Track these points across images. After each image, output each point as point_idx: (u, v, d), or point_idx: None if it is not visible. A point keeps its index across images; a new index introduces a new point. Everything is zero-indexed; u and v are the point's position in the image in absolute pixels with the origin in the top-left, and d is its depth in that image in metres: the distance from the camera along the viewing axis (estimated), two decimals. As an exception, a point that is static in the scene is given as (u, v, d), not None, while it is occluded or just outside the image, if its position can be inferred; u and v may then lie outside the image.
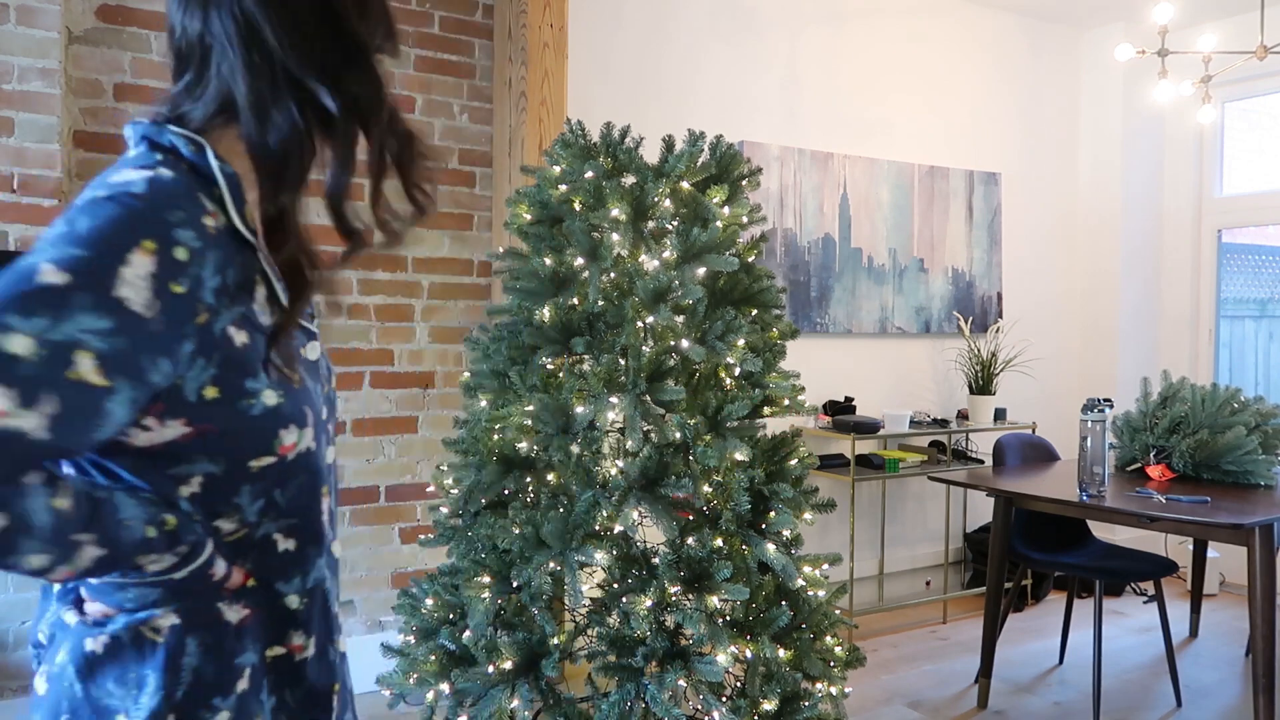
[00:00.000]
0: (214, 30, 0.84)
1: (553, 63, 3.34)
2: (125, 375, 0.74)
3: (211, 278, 0.81)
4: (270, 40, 0.83)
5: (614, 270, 2.36)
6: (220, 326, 0.82)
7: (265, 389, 0.85)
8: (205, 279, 0.80)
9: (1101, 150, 5.17)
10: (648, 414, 2.28)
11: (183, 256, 0.78)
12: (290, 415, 0.88)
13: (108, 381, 0.73)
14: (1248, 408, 3.45)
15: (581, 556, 2.24)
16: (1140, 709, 3.33)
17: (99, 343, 0.72)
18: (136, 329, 0.74)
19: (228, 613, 0.88)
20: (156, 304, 0.75)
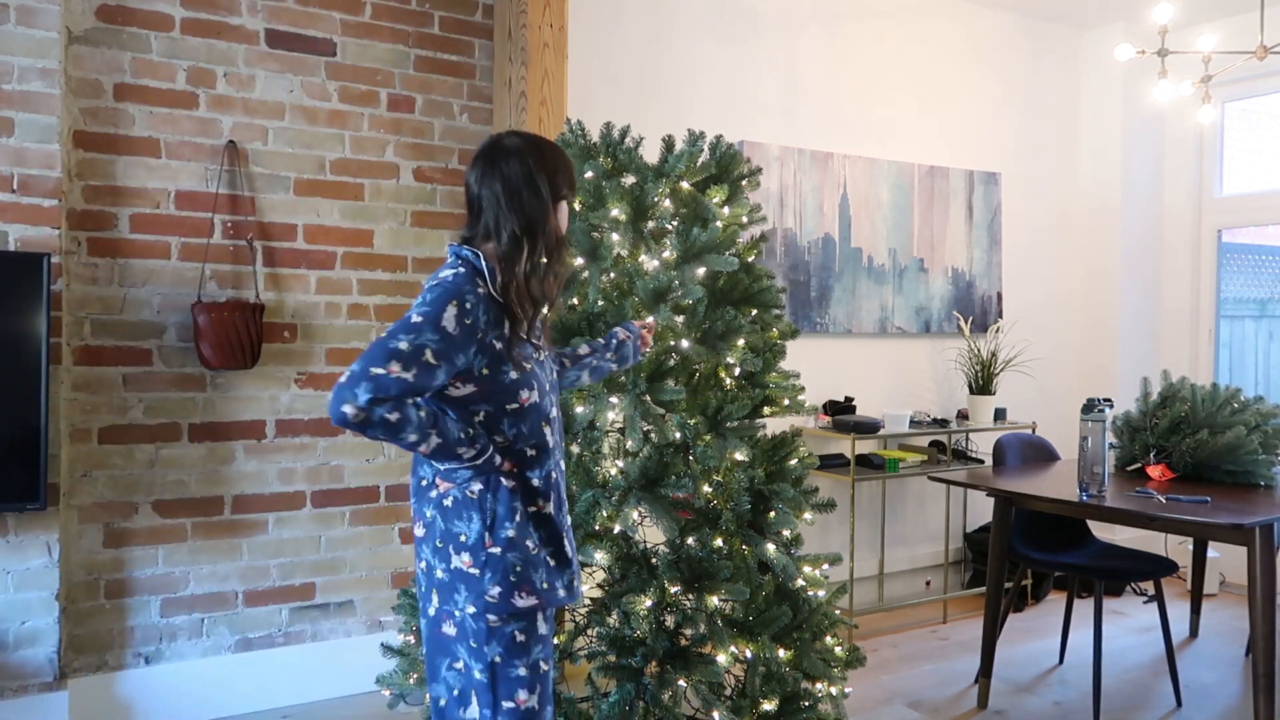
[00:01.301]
0: (485, 196, 1.72)
1: (553, 63, 3.34)
2: (444, 360, 1.57)
3: (483, 316, 1.62)
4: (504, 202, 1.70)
5: (614, 270, 2.36)
6: (489, 339, 1.64)
7: (511, 370, 1.68)
8: (479, 316, 1.62)
9: (1101, 150, 5.17)
10: (648, 414, 2.28)
11: (469, 306, 1.60)
12: (524, 383, 1.70)
13: (436, 362, 1.56)
14: (1248, 408, 3.45)
15: (581, 557, 2.24)
16: (1140, 709, 3.33)
17: (434, 345, 1.56)
18: (449, 340, 1.57)
19: (505, 483, 1.70)
20: (459, 329, 1.58)
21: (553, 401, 1.78)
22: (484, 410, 1.66)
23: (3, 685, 2.77)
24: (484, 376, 1.64)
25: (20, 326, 2.66)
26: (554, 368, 1.85)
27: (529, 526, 1.70)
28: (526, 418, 1.70)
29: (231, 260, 3.15)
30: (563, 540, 1.74)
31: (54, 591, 2.82)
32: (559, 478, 1.77)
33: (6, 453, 2.65)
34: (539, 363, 1.75)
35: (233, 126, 3.15)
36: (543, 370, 1.76)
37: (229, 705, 3.14)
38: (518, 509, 1.69)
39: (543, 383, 1.74)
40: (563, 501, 1.77)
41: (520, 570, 1.67)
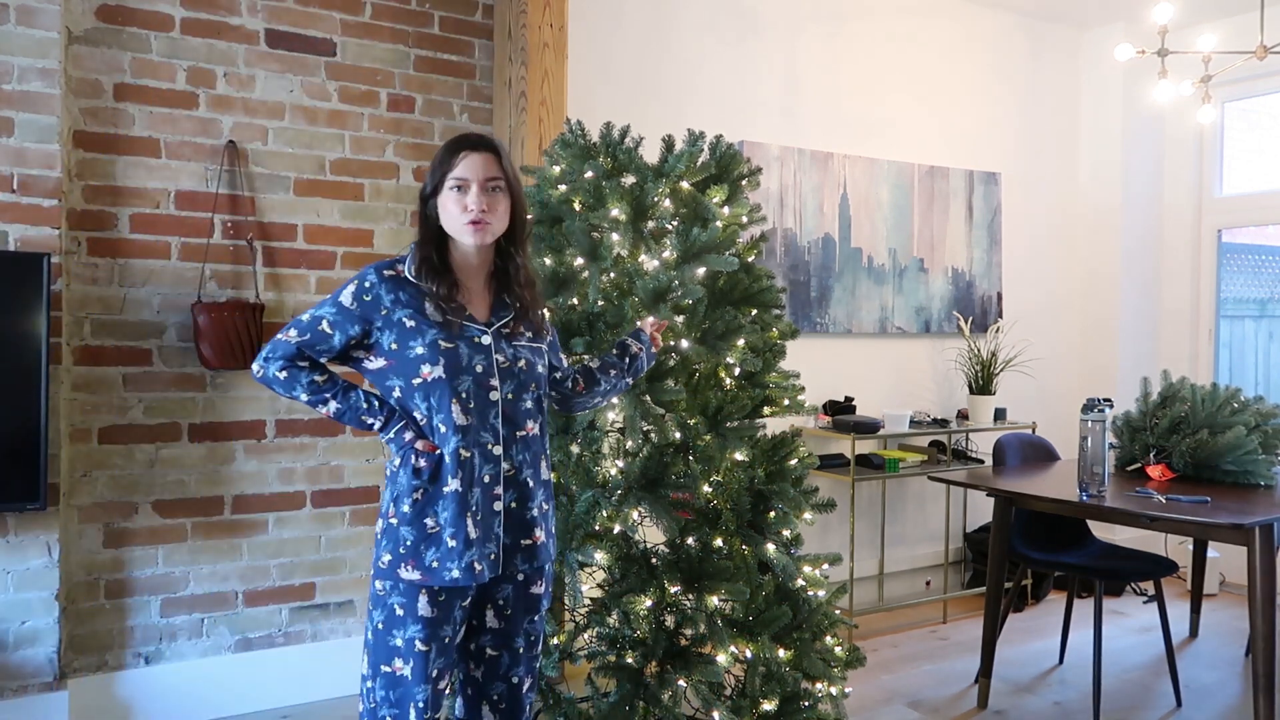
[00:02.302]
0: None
1: (553, 63, 3.34)
2: (338, 329, 1.81)
3: (387, 294, 1.81)
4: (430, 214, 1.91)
5: (614, 270, 2.36)
6: (396, 316, 1.80)
7: (418, 346, 1.79)
8: (382, 294, 1.81)
9: (1101, 150, 5.17)
10: (648, 414, 2.28)
11: (369, 285, 1.82)
12: (428, 359, 1.78)
13: (331, 330, 1.81)
14: (1248, 408, 3.44)
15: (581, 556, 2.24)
16: (1140, 709, 3.33)
17: (330, 316, 1.81)
18: (345, 312, 1.81)
19: (413, 459, 1.79)
20: (355, 303, 1.81)
21: (485, 382, 1.81)
22: (398, 385, 1.80)
23: (3, 685, 2.77)
24: (392, 351, 1.79)
25: (20, 326, 2.66)
26: (526, 354, 1.88)
27: (431, 503, 1.77)
28: (432, 393, 1.78)
29: (231, 260, 3.15)
30: (465, 520, 1.76)
31: (54, 591, 2.82)
32: (480, 458, 1.79)
33: (6, 453, 2.65)
34: (472, 343, 1.81)
35: (233, 126, 3.15)
36: (476, 351, 1.81)
37: (229, 705, 3.14)
38: (419, 485, 1.77)
39: (462, 360, 1.79)
40: (484, 481, 1.79)
41: (410, 544, 1.76)
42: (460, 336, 1.80)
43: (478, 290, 1.89)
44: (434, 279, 1.81)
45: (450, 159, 1.84)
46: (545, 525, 1.90)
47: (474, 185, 1.81)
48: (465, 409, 1.78)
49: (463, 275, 1.87)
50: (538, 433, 1.89)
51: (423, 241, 1.86)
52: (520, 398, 1.84)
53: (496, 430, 1.81)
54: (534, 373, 1.88)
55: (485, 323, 1.85)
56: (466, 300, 1.85)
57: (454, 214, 1.82)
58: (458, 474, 1.76)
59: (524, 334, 1.89)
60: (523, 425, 1.85)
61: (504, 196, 1.85)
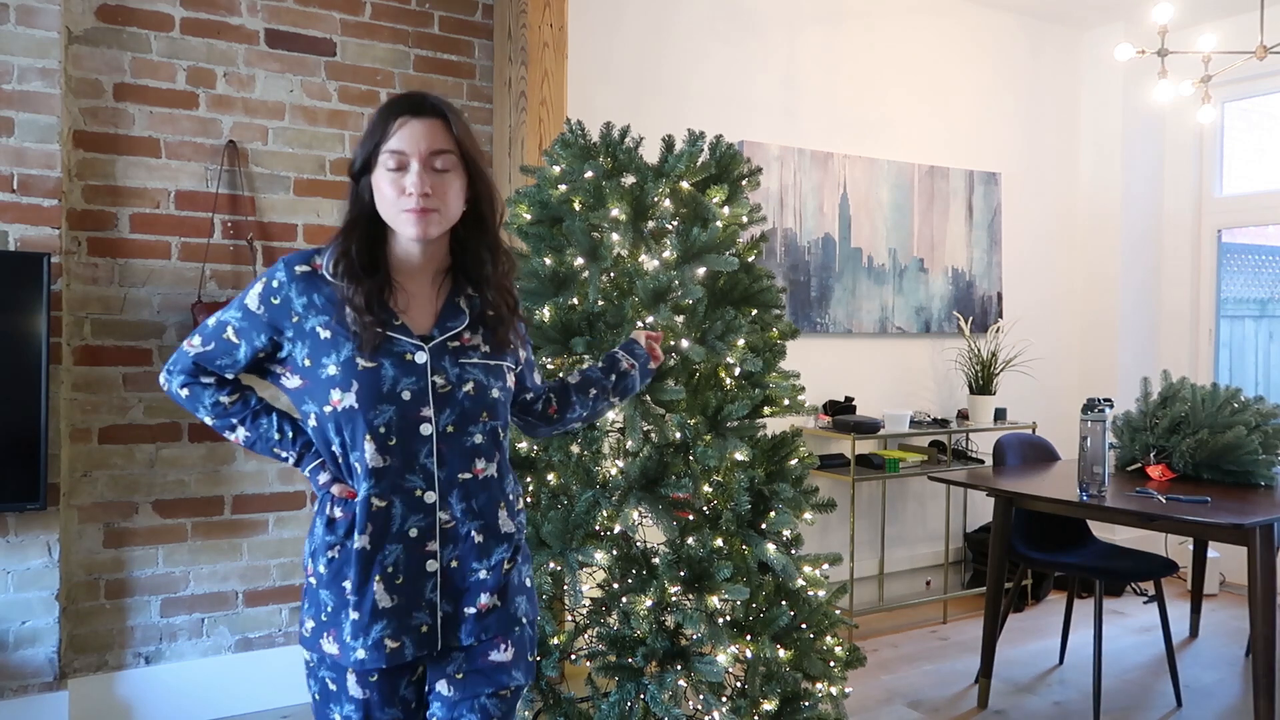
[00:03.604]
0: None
1: (553, 63, 3.34)
2: (244, 338, 1.48)
3: (299, 296, 1.46)
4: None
5: (614, 270, 2.36)
6: (309, 324, 1.45)
7: (330, 365, 1.43)
8: (292, 296, 1.46)
9: (1101, 150, 5.17)
10: (648, 414, 2.28)
11: (278, 284, 1.47)
12: (338, 382, 1.42)
13: (237, 340, 1.49)
14: (1248, 408, 3.44)
15: (581, 556, 2.24)
16: (1140, 709, 3.33)
17: (236, 322, 1.49)
18: (250, 317, 1.48)
19: (332, 509, 1.48)
20: (261, 306, 1.47)
21: (414, 412, 1.44)
22: (313, 412, 1.46)
23: (3, 685, 2.77)
24: (305, 369, 1.45)
25: (20, 326, 2.66)
26: (478, 375, 1.50)
27: (345, 563, 1.45)
28: (344, 425, 1.42)
29: (231, 260, 3.15)
30: (372, 585, 1.42)
31: (54, 591, 2.82)
32: (403, 508, 1.44)
33: (6, 453, 2.65)
34: (402, 362, 1.44)
35: (233, 126, 3.15)
36: (406, 371, 1.44)
37: (229, 705, 3.14)
38: (334, 541, 1.46)
39: (384, 384, 1.42)
40: (409, 536, 1.44)
41: (331, 612, 1.45)
42: (387, 353, 1.43)
43: (421, 293, 1.51)
44: (353, 280, 1.43)
45: (384, 127, 1.44)
46: (506, 586, 1.52)
47: (414, 162, 1.42)
48: (383, 447, 1.42)
49: (402, 275, 1.49)
50: (493, 474, 1.51)
51: (347, 230, 1.47)
52: (465, 431, 1.47)
53: (429, 472, 1.45)
54: (486, 399, 1.49)
55: (424, 335, 1.47)
56: (404, 306, 1.48)
57: (389, 198, 1.44)
58: (366, 528, 1.42)
59: (479, 348, 1.52)
60: (467, 465, 1.47)
61: (456, 175, 1.47)
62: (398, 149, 1.43)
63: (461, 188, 1.49)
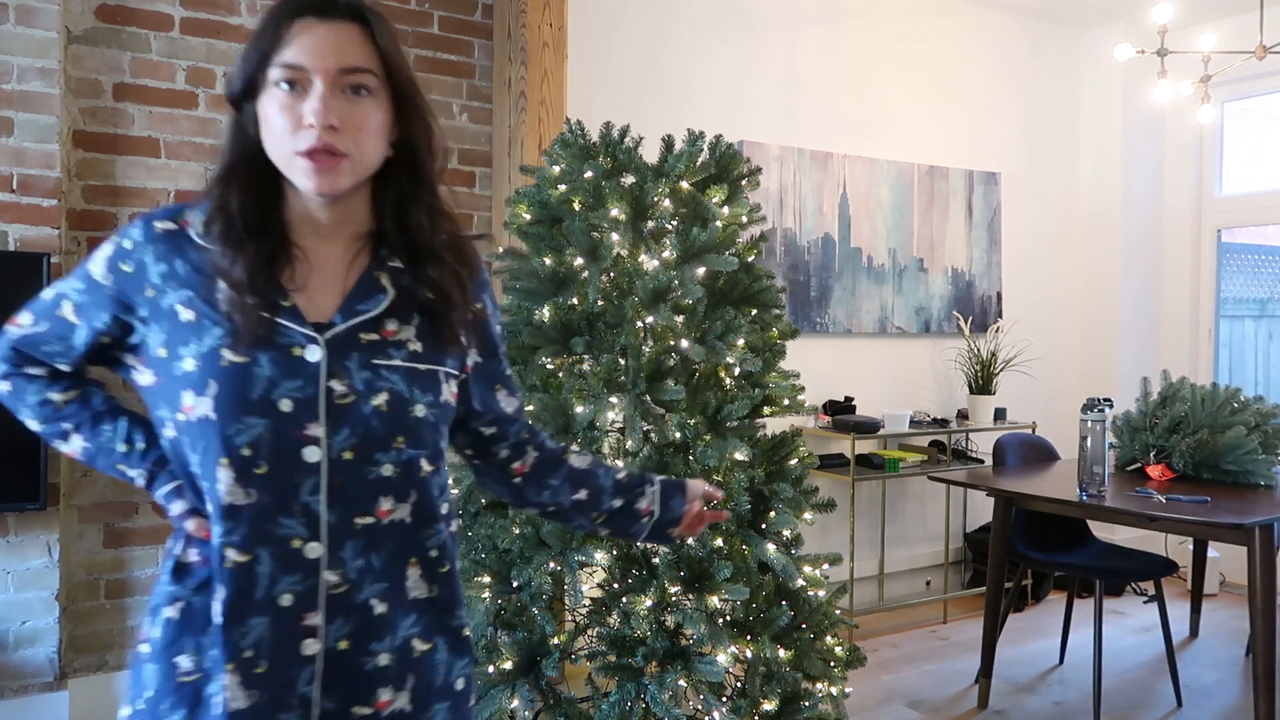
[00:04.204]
0: None
1: (552, 63, 3.33)
2: (84, 317, 1.10)
3: (156, 264, 1.07)
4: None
5: (614, 270, 2.36)
6: (168, 302, 1.06)
7: (189, 357, 1.03)
8: (148, 263, 1.07)
9: (1101, 150, 5.17)
10: (648, 414, 2.28)
11: (129, 246, 1.08)
12: (193, 381, 1.02)
13: (76, 319, 1.11)
14: (1248, 408, 3.44)
15: (581, 556, 2.24)
16: (1140, 709, 3.33)
17: (76, 296, 1.11)
18: (95, 289, 1.09)
19: (185, 551, 1.10)
20: (108, 275, 1.09)
21: (294, 430, 1.02)
22: (169, 420, 1.05)
23: (3, 685, 2.77)
24: (160, 361, 1.05)
25: (20, 326, 2.66)
26: (396, 382, 1.08)
27: (187, 629, 1.05)
28: (197, 441, 1.02)
29: (231, 260, 3.15)
30: (222, 675, 1.01)
31: (54, 591, 2.82)
32: (272, 565, 1.02)
33: (6, 453, 2.65)
34: (285, 358, 1.03)
35: (232, 126, 3.15)
36: (289, 372, 1.03)
37: (229, 705, 3.14)
38: (180, 594, 1.08)
39: (254, 388, 1.01)
40: (277, 606, 1.02)
41: (151, 701, 1.05)
42: (265, 345, 1.03)
43: (327, 265, 1.10)
44: (231, 245, 1.04)
45: (275, 31, 1.04)
46: (420, 681, 1.09)
47: (317, 81, 1.02)
48: (245, 476, 1.01)
49: (303, 237, 1.09)
50: (403, 519, 1.08)
51: (225, 176, 1.07)
52: (368, 459, 1.05)
53: (313, 515, 1.03)
54: (404, 417, 1.07)
55: (320, 322, 1.06)
56: (301, 281, 1.07)
57: (279, 132, 1.03)
58: (219, 592, 1.02)
59: (404, 345, 1.09)
60: (367, 506, 1.05)
61: (378, 105, 1.07)
62: (293, 62, 1.02)
63: (385, 122, 1.08)
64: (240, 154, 1.08)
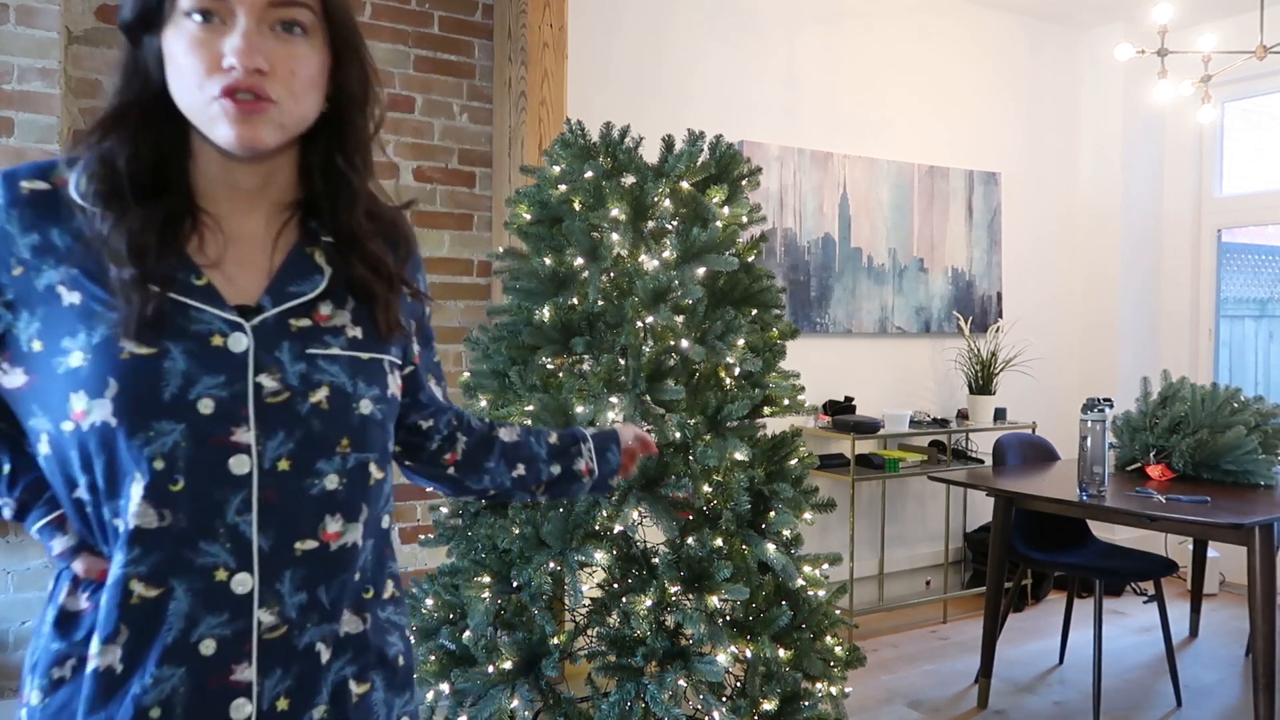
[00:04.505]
0: None
1: (553, 63, 3.34)
2: None
3: (27, 234, 0.86)
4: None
5: (614, 270, 2.36)
6: (41, 281, 0.85)
7: (76, 350, 0.83)
8: (13, 232, 0.86)
9: (1101, 150, 5.17)
10: (648, 414, 2.28)
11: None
12: (85, 380, 0.82)
13: None
14: (1248, 407, 3.44)
15: (581, 556, 2.24)
16: (1140, 709, 3.33)
17: None
18: None
19: (73, 595, 0.89)
20: None
21: (218, 434, 0.84)
22: (45, 431, 0.85)
23: (3, 685, 2.77)
24: (34, 356, 0.85)
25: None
26: (337, 373, 0.91)
27: (74, 696, 0.84)
28: (95, 456, 0.82)
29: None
30: None
31: (54, 591, 2.82)
32: (191, 604, 0.83)
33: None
34: (202, 349, 0.85)
35: (233, 126, 3.15)
36: (209, 365, 0.85)
37: (229, 705, 3.14)
38: (66, 651, 0.87)
39: (165, 387, 0.82)
40: (198, 655, 0.83)
41: None
42: (176, 333, 0.84)
43: (249, 237, 0.92)
44: (115, 206, 0.85)
45: None
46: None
47: (240, 12, 0.84)
48: (159, 494, 0.82)
49: (215, 203, 0.91)
50: (353, 542, 0.91)
51: (112, 120, 0.87)
52: (309, 469, 0.88)
53: (243, 540, 0.85)
54: (348, 416, 0.90)
55: (245, 306, 0.89)
56: (215, 255, 0.89)
57: (190, 72, 0.84)
58: (118, 634, 0.82)
59: (343, 332, 0.93)
60: (312, 528, 0.88)
61: (314, 47, 0.89)
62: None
63: (322, 67, 0.90)
64: (134, 96, 0.87)
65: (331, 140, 0.95)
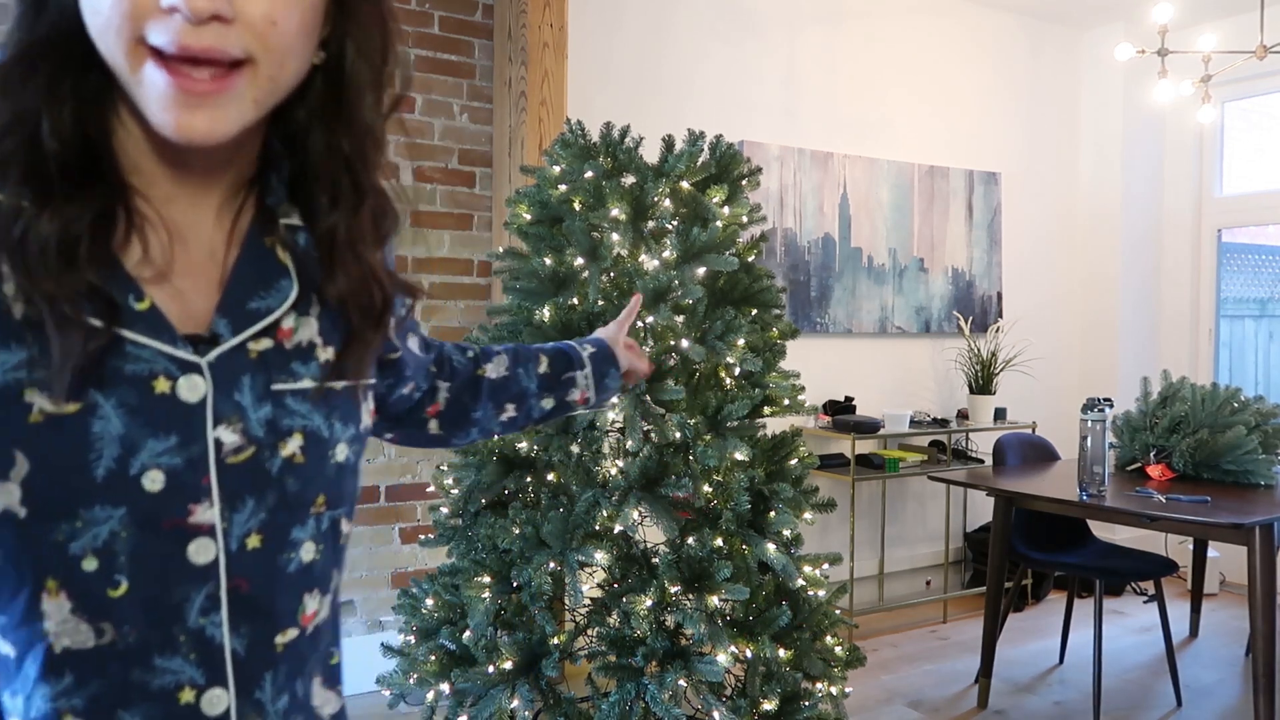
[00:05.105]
0: None
1: (553, 63, 3.34)
2: None
3: None
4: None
5: (614, 270, 2.36)
6: None
7: None
8: None
9: (1101, 150, 5.17)
10: (648, 414, 2.28)
11: None
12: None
13: None
14: (1248, 407, 3.44)
15: (581, 556, 2.24)
16: (1140, 709, 3.33)
17: None
18: None
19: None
20: None
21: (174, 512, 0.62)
22: None
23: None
24: None
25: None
26: (312, 416, 0.69)
27: None
28: (3, 559, 0.60)
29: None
30: None
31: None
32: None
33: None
34: (145, 399, 0.61)
35: (233, 126, 3.15)
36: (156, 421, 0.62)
37: (229, 705, 3.14)
38: None
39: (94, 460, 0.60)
40: None
41: None
42: (108, 379, 0.61)
43: (196, 230, 0.67)
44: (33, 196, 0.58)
45: None
46: None
47: None
48: (91, 604, 0.61)
49: (152, 184, 0.65)
50: (325, 618, 0.72)
51: (14, 72, 0.59)
52: (284, 539, 0.68)
53: (210, 646, 0.65)
54: (325, 466, 0.70)
55: (197, 335, 0.65)
56: (157, 264, 0.64)
57: (114, 11, 0.57)
58: None
59: (313, 354, 0.70)
60: (292, 614, 0.69)
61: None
62: None
63: (315, 10, 0.64)
64: (46, 33, 0.59)
65: (328, 111, 0.69)
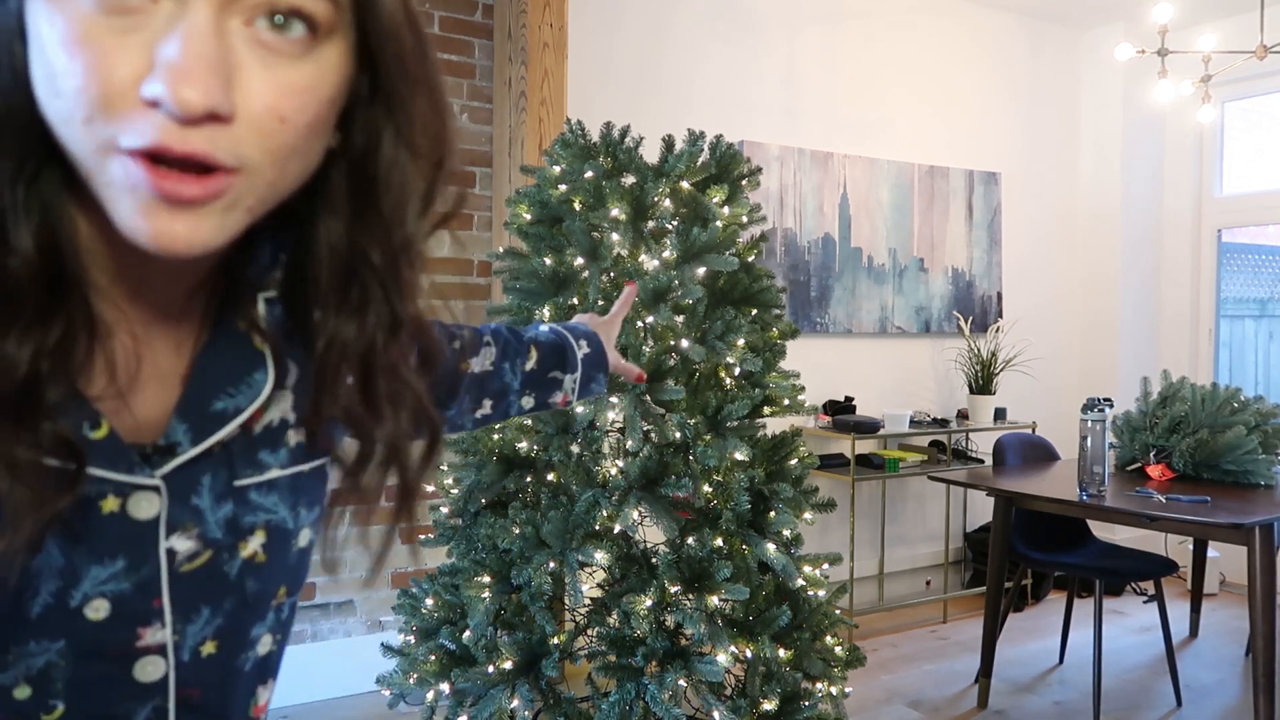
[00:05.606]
0: None
1: (553, 63, 3.34)
2: None
3: None
4: None
5: (614, 270, 2.36)
6: None
7: None
8: None
9: (1101, 150, 5.17)
10: (648, 414, 2.28)
11: None
12: None
13: None
14: (1248, 407, 3.44)
15: (581, 556, 2.24)
16: (1140, 709, 3.33)
17: None
18: None
19: None
20: None
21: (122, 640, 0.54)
22: None
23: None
24: None
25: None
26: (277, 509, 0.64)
27: None
28: None
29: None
30: None
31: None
32: None
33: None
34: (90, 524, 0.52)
35: (233, 126, 3.15)
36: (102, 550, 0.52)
37: (229, 705, 3.14)
38: None
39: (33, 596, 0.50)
40: None
41: None
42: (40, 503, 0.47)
43: (158, 326, 0.55)
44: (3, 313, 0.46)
45: None
46: None
47: None
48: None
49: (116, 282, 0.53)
50: (268, 699, 0.67)
51: None
52: (243, 640, 0.61)
53: None
54: (287, 556, 0.65)
55: (149, 447, 0.54)
56: (120, 378, 0.52)
57: (72, 87, 0.43)
58: None
59: (282, 435, 0.64)
60: (244, 709, 0.63)
61: (327, 59, 0.48)
62: None
63: (337, 96, 0.51)
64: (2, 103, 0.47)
65: (354, 206, 0.55)
